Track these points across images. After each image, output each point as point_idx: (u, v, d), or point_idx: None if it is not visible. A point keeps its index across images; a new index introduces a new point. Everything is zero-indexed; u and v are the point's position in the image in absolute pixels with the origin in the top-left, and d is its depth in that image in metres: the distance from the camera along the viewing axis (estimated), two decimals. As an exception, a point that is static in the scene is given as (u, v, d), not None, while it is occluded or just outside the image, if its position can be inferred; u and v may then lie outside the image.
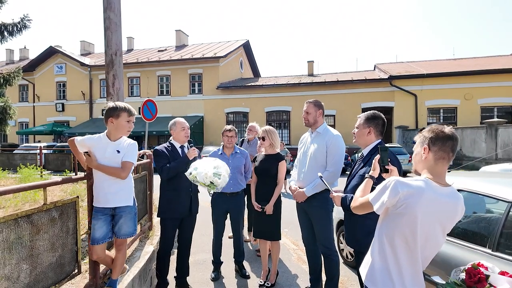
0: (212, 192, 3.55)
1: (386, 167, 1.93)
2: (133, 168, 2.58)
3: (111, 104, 2.58)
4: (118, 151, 2.48)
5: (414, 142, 1.75)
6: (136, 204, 2.72)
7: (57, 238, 2.22)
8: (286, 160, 11.51)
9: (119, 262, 2.65)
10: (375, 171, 1.94)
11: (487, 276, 1.60)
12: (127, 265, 3.09)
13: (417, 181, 1.57)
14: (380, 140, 2.52)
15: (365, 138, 2.53)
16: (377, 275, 1.69)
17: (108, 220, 2.56)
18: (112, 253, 2.76)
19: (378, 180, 1.90)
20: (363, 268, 1.82)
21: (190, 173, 3.13)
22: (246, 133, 5.35)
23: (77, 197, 2.45)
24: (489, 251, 2.24)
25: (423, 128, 1.73)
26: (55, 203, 2.23)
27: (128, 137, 2.66)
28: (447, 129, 1.60)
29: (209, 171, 3.09)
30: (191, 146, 3.55)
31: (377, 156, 1.97)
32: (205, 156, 3.55)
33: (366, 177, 1.93)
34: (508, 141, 14.01)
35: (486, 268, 1.64)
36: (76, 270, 2.45)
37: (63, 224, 2.29)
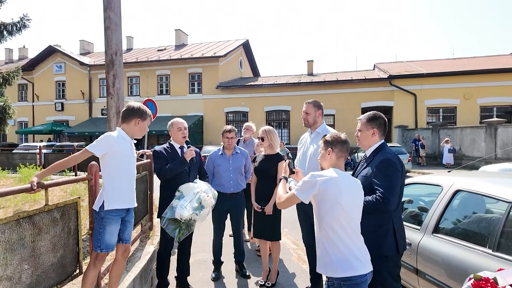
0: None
1: (294, 169, 2.47)
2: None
3: (135, 104, 2.59)
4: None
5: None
6: None
7: (59, 239, 2.23)
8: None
9: (118, 274, 2.58)
10: (286, 173, 2.43)
11: (495, 279, 1.60)
12: (127, 265, 3.09)
13: (327, 171, 2.07)
14: (383, 141, 2.49)
15: (369, 140, 2.50)
16: (334, 261, 1.96)
17: (119, 222, 2.48)
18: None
19: None
20: (320, 267, 2.07)
21: (167, 213, 3.21)
22: (243, 132, 5.38)
23: (78, 197, 2.46)
24: (490, 251, 2.25)
25: (325, 135, 2.23)
26: (57, 204, 2.24)
27: None
28: (343, 135, 2.18)
29: (183, 213, 3.09)
30: (188, 147, 3.54)
31: (287, 161, 2.50)
32: (205, 156, 3.53)
33: (281, 178, 2.39)
34: (507, 141, 14.03)
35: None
36: (78, 271, 2.45)
37: (65, 225, 2.29)
